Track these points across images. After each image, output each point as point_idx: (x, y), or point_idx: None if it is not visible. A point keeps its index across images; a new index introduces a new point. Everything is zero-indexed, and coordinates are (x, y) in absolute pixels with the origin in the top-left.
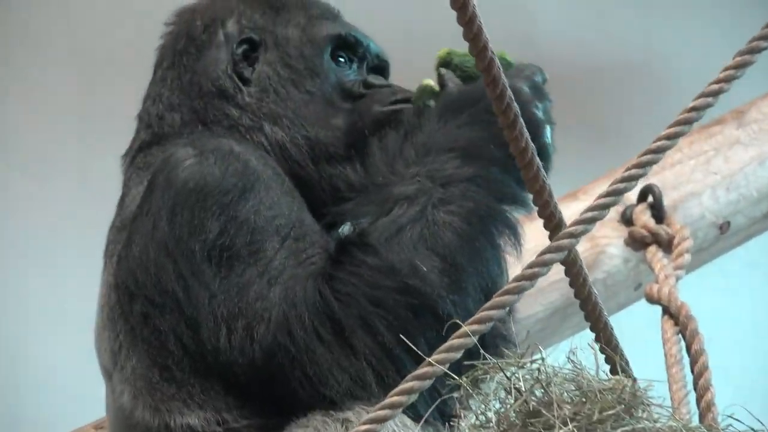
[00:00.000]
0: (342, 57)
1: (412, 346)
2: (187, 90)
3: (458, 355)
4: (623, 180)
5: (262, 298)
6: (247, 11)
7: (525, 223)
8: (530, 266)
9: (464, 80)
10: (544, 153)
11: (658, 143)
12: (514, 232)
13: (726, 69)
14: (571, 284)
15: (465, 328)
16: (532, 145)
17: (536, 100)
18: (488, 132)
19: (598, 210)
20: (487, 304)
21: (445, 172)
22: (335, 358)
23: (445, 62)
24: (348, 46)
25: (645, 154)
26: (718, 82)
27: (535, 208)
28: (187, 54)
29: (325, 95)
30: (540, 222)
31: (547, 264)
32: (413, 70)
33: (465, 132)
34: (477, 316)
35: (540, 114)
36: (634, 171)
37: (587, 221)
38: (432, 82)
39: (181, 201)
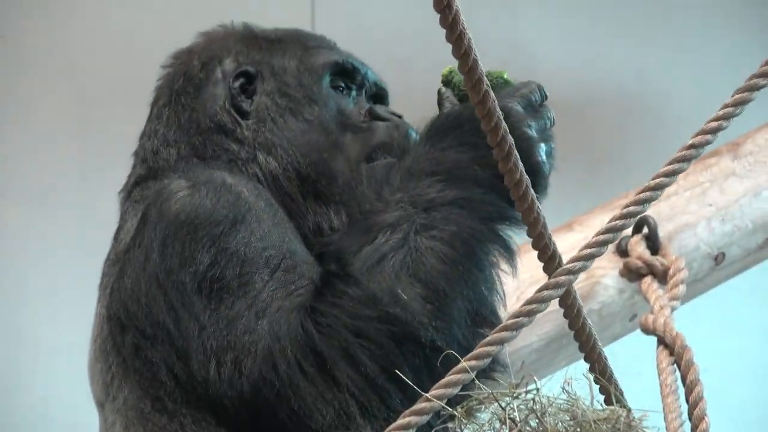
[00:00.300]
0: (341, 85)
1: (407, 380)
2: (185, 127)
3: (456, 390)
4: (621, 217)
5: (250, 331)
6: (244, 49)
7: (520, 254)
8: (528, 302)
9: (462, 99)
10: (538, 171)
11: (657, 180)
12: (505, 248)
13: (725, 107)
14: (566, 315)
15: (463, 364)
16: (527, 177)
17: (529, 118)
18: (474, 153)
19: (597, 247)
20: (486, 340)
21: (427, 196)
22: (319, 392)
23: (447, 81)
24: (346, 73)
25: (643, 191)
26: (716, 119)
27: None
28: (185, 93)
29: (324, 124)
30: (535, 252)
31: (545, 300)
32: (413, 101)
33: (449, 154)
34: (475, 352)
35: (531, 132)
36: (632, 208)
37: (585, 258)
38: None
39: (172, 233)
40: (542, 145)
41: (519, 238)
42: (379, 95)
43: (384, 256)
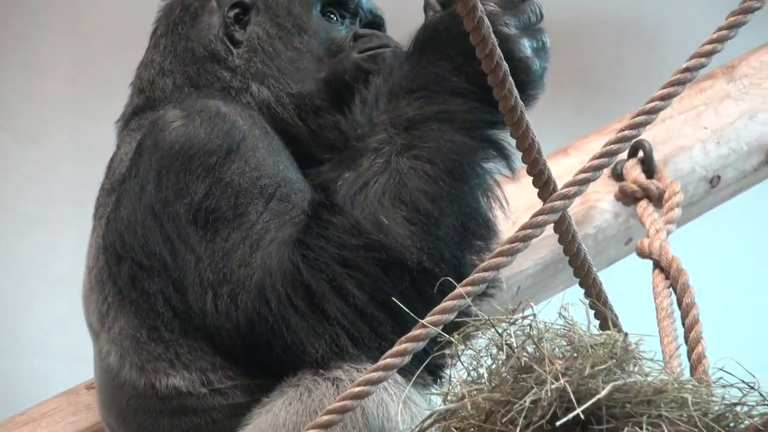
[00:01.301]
0: (333, 14)
1: (401, 306)
2: (180, 56)
3: (452, 316)
4: (617, 141)
5: (245, 264)
6: None
7: (512, 181)
8: (523, 228)
9: (445, 5)
10: (524, 68)
11: (651, 104)
12: (499, 152)
13: (719, 29)
14: (560, 241)
15: (459, 290)
16: (521, 103)
17: (506, 15)
18: (451, 64)
19: (591, 171)
20: (481, 266)
21: (407, 115)
22: (310, 326)
23: None
24: (339, 2)
25: (639, 114)
26: (711, 42)
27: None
28: (181, 23)
29: (313, 51)
30: (527, 180)
31: (540, 225)
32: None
33: (426, 69)
34: (471, 278)
35: (508, 29)
36: (627, 132)
37: (580, 182)
38: None
39: (167, 164)
40: (524, 40)
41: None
42: (375, 23)
43: (367, 182)
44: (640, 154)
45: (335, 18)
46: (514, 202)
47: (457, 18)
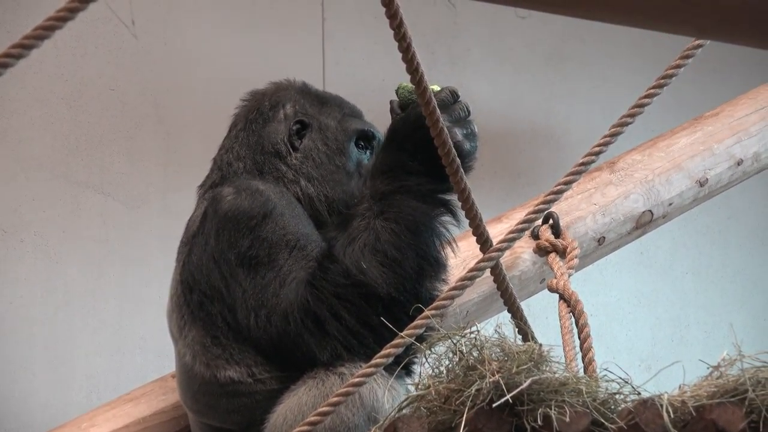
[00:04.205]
0: (361, 144)
1: (390, 326)
2: (252, 147)
3: (421, 331)
4: (534, 212)
5: (276, 295)
6: (300, 100)
7: (464, 239)
8: (470, 271)
9: (404, 107)
10: (458, 149)
11: (558, 187)
12: (445, 208)
13: (604, 137)
14: (495, 281)
15: (426, 312)
16: (469, 187)
17: (443, 114)
18: (405, 152)
19: (517, 232)
20: (441, 296)
21: (380, 190)
22: (317, 341)
23: (396, 92)
24: (366, 137)
25: (549, 194)
26: (598, 145)
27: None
28: (255, 122)
29: (347, 169)
30: (473, 238)
31: (481, 269)
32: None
33: (391, 157)
34: (435, 304)
35: (444, 123)
36: (541, 206)
37: (510, 240)
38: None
39: (222, 225)
40: (456, 130)
41: (463, 227)
42: None
43: (354, 238)
44: (551, 221)
45: (363, 146)
46: (464, 253)
47: (410, 122)
